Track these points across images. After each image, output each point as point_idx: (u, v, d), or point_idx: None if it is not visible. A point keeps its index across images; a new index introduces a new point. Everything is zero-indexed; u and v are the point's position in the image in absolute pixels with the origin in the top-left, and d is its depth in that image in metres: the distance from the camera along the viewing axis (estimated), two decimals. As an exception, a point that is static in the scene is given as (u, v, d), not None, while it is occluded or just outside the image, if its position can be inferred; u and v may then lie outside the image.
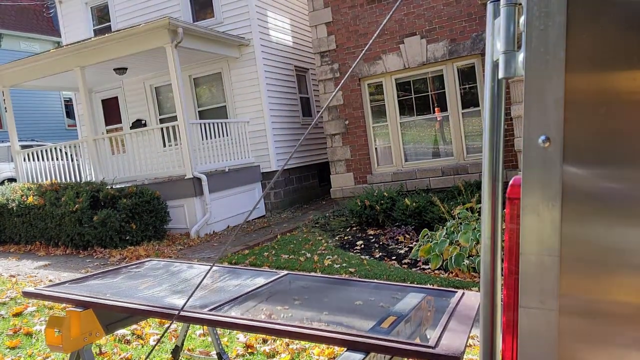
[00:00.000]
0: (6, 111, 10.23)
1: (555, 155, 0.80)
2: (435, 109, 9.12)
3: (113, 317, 2.36)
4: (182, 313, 1.91)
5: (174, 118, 9.58)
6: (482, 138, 1.01)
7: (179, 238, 8.27)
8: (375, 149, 9.56)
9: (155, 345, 1.91)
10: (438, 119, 9.13)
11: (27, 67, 9.64)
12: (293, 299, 2.35)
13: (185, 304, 1.84)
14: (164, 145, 9.89)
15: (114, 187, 8.23)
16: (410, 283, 4.82)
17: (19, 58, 10.07)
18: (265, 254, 6.70)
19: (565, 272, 0.83)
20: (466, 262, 5.24)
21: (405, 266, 5.80)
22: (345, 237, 7.49)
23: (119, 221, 7.47)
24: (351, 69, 1.56)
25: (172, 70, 8.41)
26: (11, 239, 8.46)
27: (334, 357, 3.37)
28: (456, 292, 2.13)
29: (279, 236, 7.84)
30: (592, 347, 0.84)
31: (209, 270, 1.91)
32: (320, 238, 7.50)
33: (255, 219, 9.88)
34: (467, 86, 8.86)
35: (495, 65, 0.96)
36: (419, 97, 9.25)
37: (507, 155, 8.09)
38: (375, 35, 1.34)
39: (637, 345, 0.81)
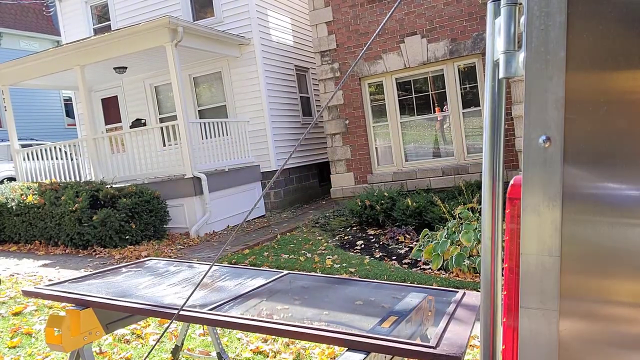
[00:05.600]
0: (6, 110, 10.23)
1: (555, 155, 0.80)
2: (436, 108, 9.12)
3: (113, 317, 2.36)
4: (181, 312, 1.91)
5: (174, 117, 9.57)
6: (483, 138, 1.01)
7: (178, 237, 8.27)
8: (376, 148, 9.56)
9: (155, 344, 1.91)
10: (438, 118, 9.12)
11: (26, 66, 9.64)
12: (293, 298, 2.35)
13: (185, 303, 1.83)
14: (164, 145, 9.88)
15: (113, 186, 8.23)
16: (411, 283, 4.82)
17: (19, 57, 10.06)
18: (265, 253, 6.70)
19: (565, 273, 0.83)
20: (467, 262, 5.24)
21: (406, 266, 5.80)
22: (346, 237, 7.49)
23: (118, 221, 7.47)
24: (351, 68, 1.56)
25: (172, 69, 8.40)
26: (11, 238, 8.45)
27: (335, 357, 3.37)
28: (457, 292, 2.13)
29: (279, 236, 7.84)
30: (593, 347, 0.84)
31: (209, 269, 1.91)
32: (320, 238, 7.50)
33: (255, 218, 9.87)
34: (467, 86, 8.86)
35: (495, 65, 0.96)
36: (420, 97, 9.25)
37: (507, 155, 8.09)
38: (375, 34, 1.33)
39: (638, 346, 0.81)
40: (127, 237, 7.63)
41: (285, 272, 2.63)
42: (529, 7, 0.79)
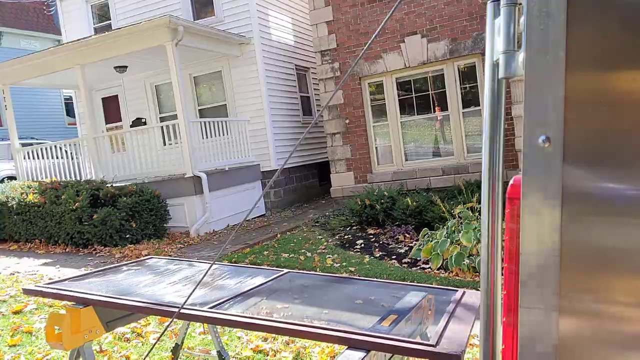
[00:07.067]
0: (6, 109, 10.23)
1: (555, 155, 0.80)
2: (436, 108, 9.12)
3: (113, 315, 2.36)
4: (182, 311, 1.91)
5: (174, 116, 9.58)
6: (483, 138, 1.01)
7: (179, 236, 8.28)
8: (376, 148, 9.56)
9: (155, 343, 1.92)
10: (438, 118, 9.12)
11: (27, 65, 9.64)
12: (293, 297, 2.35)
13: (186, 301, 1.84)
14: (164, 144, 9.89)
15: (114, 185, 8.23)
16: (411, 282, 4.82)
17: (19, 56, 10.05)
18: (266, 252, 6.70)
19: (565, 272, 0.83)
20: (466, 261, 5.24)
21: (406, 265, 5.80)
22: (346, 236, 7.49)
23: (119, 219, 7.47)
24: (351, 68, 1.56)
25: (173, 69, 8.40)
26: (11, 237, 8.46)
27: (335, 356, 3.37)
28: (457, 291, 2.14)
29: (279, 235, 7.84)
30: (593, 347, 0.84)
31: (209, 268, 1.91)
32: (320, 237, 7.50)
33: (255, 217, 9.88)
34: (467, 85, 8.86)
35: (495, 65, 0.96)
36: (420, 97, 9.25)
37: (507, 155, 8.09)
38: (375, 34, 1.34)
39: (638, 345, 0.81)
40: (127, 236, 7.63)
41: (285, 270, 2.63)
42: (529, 7, 0.79)
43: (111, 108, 11.97)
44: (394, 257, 6.17)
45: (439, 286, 3.06)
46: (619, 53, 0.76)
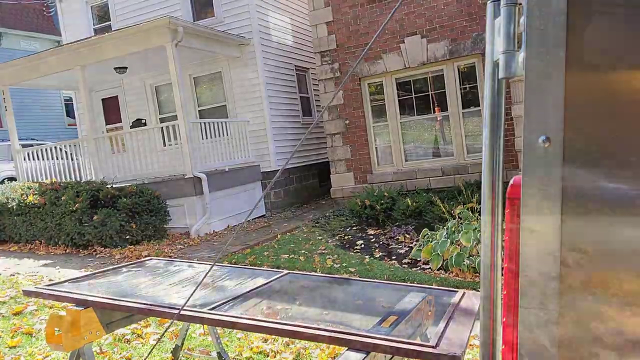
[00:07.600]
0: (6, 110, 10.23)
1: (555, 155, 0.80)
2: (436, 108, 9.12)
3: (113, 316, 2.36)
4: (182, 312, 1.91)
5: (174, 117, 9.58)
6: (483, 138, 1.01)
7: (179, 237, 8.27)
8: (376, 148, 9.56)
9: (156, 344, 1.91)
10: (438, 118, 9.12)
11: (27, 66, 9.64)
12: (293, 298, 2.35)
13: (186, 303, 1.84)
14: (164, 145, 9.89)
15: (114, 186, 8.23)
16: (411, 283, 4.82)
17: (19, 57, 10.06)
18: (266, 253, 6.70)
19: (565, 272, 0.83)
20: (466, 262, 5.24)
21: (406, 266, 5.80)
22: (346, 237, 7.49)
23: (119, 220, 7.47)
24: (352, 69, 1.56)
25: (172, 70, 8.41)
26: (11, 238, 8.46)
27: (335, 357, 3.37)
28: (457, 292, 2.14)
29: (279, 236, 7.84)
30: (593, 347, 0.84)
31: (210, 269, 1.91)
32: (320, 238, 7.50)
33: (255, 218, 9.87)
34: (467, 86, 8.86)
35: (495, 65, 0.96)
36: (420, 97, 9.25)
37: (507, 155, 8.09)
38: (376, 35, 1.34)
39: (638, 346, 0.81)
40: (127, 237, 7.63)
41: (285, 271, 2.63)
42: (529, 7, 0.79)
43: (111, 109, 11.97)
44: (394, 257, 6.17)
45: (439, 287, 3.06)
46: (619, 53, 0.76)
